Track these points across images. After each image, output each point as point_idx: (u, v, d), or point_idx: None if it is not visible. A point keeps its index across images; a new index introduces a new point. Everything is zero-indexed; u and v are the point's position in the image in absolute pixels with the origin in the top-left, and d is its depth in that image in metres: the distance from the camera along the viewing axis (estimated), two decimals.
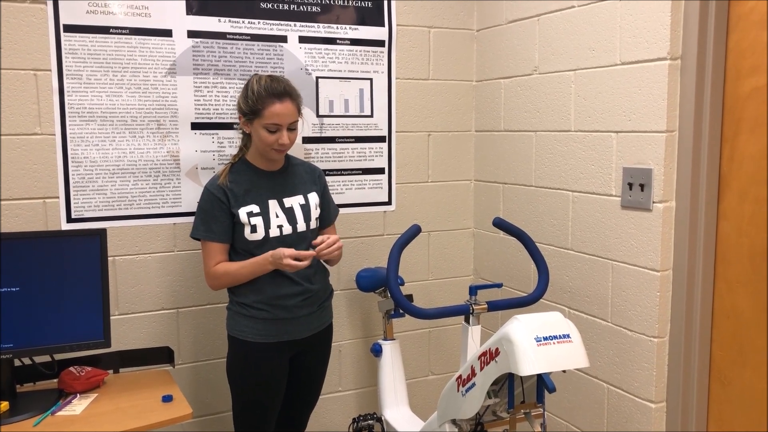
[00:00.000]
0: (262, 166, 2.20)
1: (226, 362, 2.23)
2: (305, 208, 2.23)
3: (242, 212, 2.13)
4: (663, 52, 2.05)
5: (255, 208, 2.15)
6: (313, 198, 2.27)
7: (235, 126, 2.51)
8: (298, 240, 2.20)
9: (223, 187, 2.13)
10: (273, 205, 2.18)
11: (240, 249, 2.17)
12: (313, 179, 2.31)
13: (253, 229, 2.13)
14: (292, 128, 2.12)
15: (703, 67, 2.01)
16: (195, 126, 2.47)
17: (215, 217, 2.13)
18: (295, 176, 2.26)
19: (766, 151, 1.92)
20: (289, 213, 2.19)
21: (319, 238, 2.11)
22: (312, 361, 2.31)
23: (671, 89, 2.05)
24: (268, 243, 2.15)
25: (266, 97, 2.07)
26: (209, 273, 2.16)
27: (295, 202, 2.22)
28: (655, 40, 2.07)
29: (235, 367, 2.20)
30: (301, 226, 2.21)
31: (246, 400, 2.20)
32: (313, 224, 2.26)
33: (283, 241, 2.16)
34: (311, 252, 2.08)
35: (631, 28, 2.15)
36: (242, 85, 2.50)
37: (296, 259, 2.04)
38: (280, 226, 2.17)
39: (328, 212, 2.37)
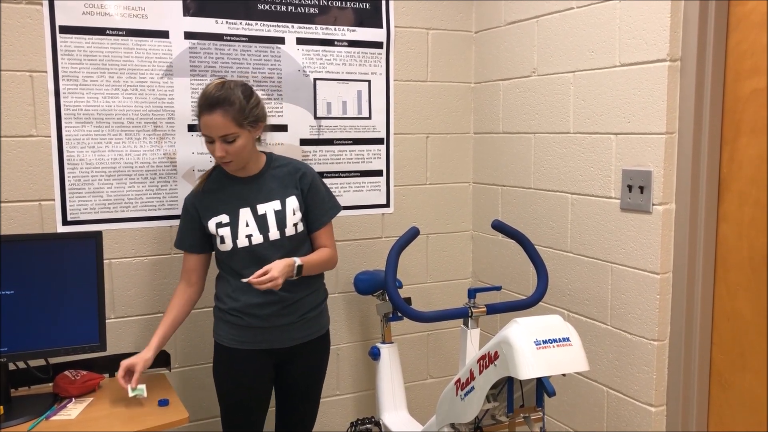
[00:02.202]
0: (234, 172, 2.12)
1: (213, 368, 2.24)
2: (280, 215, 2.10)
3: (211, 224, 2.11)
4: (662, 53, 2.04)
5: (225, 218, 2.10)
6: (291, 202, 2.13)
7: None
8: (270, 249, 2.09)
9: (193, 199, 2.14)
10: (244, 213, 2.10)
11: (218, 258, 2.18)
12: (294, 182, 2.15)
13: (222, 240, 2.10)
14: (229, 141, 1.99)
15: (702, 68, 2.00)
16: (192, 128, 2.46)
17: (187, 228, 2.17)
18: (273, 180, 2.14)
19: (766, 153, 1.91)
20: (261, 220, 2.09)
21: (257, 272, 1.96)
22: (296, 374, 2.22)
23: (671, 91, 2.04)
24: (237, 254, 2.10)
25: (198, 106, 2.01)
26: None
27: (269, 208, 2.11)
28: (654, 41, 2.06)
29: (216, 370, 2.21)
30: (274, 234, 2.09)
31: (227, 404, 2.19)
32: (290, 230, 2.11)
33: (253, 251, 2.09)
34: (242, 281, 2.00)
35: (631, 29, 2.14)
36: None
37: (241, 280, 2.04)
38: (249, 236, 2.08)
39: (317, 214, 2.19)
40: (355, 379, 2.88)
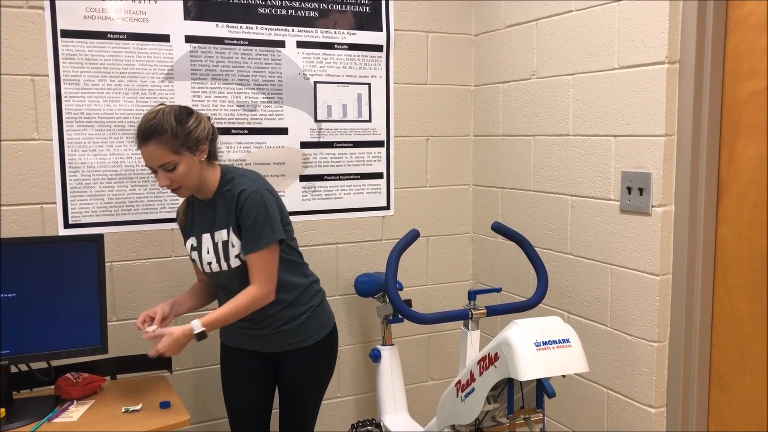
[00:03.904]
0: (199, 196, 2.07)
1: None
2: (225, 245, 2.02)
3: (187, 245, 2.14)
4: (661, 55, 2.05)
5: (194, 242, 2.10)
6: (232, 234, 2.01)
7: (232, 131, 2.51)
8: (226, 278, 2.07)
9: (177, 211, 2.19)
10: (206, 239, 2.06)
11: None
12: (230, 209, 2.01)
13: (195, 262, 2.13)
14: (169, 169, 1.92)
15: (701, 70, 2.01)
16: None
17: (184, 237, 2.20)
18: (222, 204, 2.03)
19: (764, 154, 1.92)
20: (216, 248, 2.04)
21: (150, 327, 1.96)
22: (288, 376, 2.18)
23: (669, 93, 2.05)
24: (210, 277, 2.13)
25: (135, 137, 1.95)
26: None
27: (219, 237, 2.03)
28: (653, 44, 2.07)
29: (222, 370, 2.27)
30: (224, 265, 2.04)
31: (228, 403, 2.25)
32: (234, 262, 2.02)
33: (216, 276, 2.08)
34: (146, 332, 1.96)
35: (629, 32, 2.15)
36: (240, 90, 2.51)
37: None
38: (209, 263, 2.06)
39: (245, 242, 1.99)
40: (355, 381, 2.89)
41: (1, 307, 1.97)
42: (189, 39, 2.43)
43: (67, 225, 2.31)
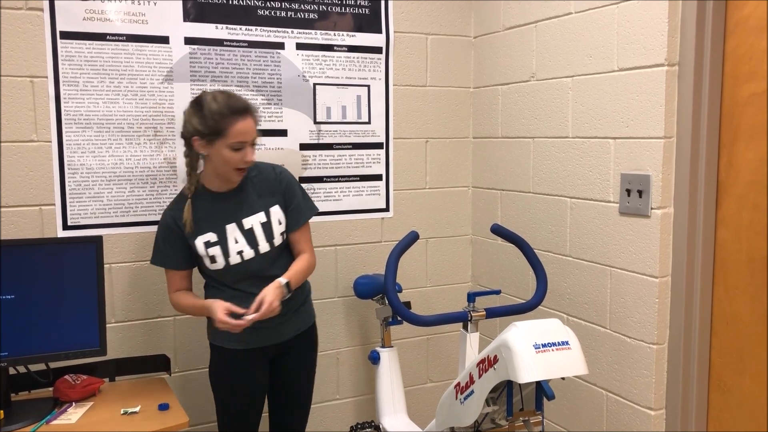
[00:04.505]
0: (218, 188, 2.10)
1: (209, 370, 2.24)
2: (266, 227, 2.11)
3: (199, 243, 2.08)
4: (660, 58, 2.05)
5: (212, 237, 2.08)
6: (276, 212, 2.13)
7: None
8: (263, 262, 2.11)
9: (175, 217, 2.07)
10: (231, 229, 2.09)
11: (206, 274, 2.16)
12: (272, 189, 2.14)
13: (213, 260, 2.08)
14: (254, 143, 2.04)
15: (700, 73, 2.01)
16: None
17: (172, 246, 2.10)
18: (253, 191, 2.13)
19: (764, 157, 1.92)
20: (249, 235, 2.09)
21: (253, 306, 1.97)
22: (289, 368, 2.26)
23: (669, 95, 2.05)
24: (230, 271, 2.10)
25: (229, 115, 1.95)
26: (170, 299, 2.18)
27: (255, 221, 2.11)
28: (652, 46, 2.07)
29: (214, 372, 2.21)
30: (264, 247, 2.11)
31: (226, 405, 2.21)
32: (278, 240, 2.13)
33: (247, 266, 2.09)
34: (246, 319, 1.95)
35: (629, 34, 2.15)
36: (240, 92, 2.50)
37: (234, 314, 1.96)
38: (240, 252, 2.08)
39: (294, 216, 2.17)
40: (354, 383, 2.89)
41: (1, 309, 1.97)
42: (188, 41, 2.42)
43: (66, 227, 2.31)
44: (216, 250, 2.08)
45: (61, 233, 2.30)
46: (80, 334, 2.07)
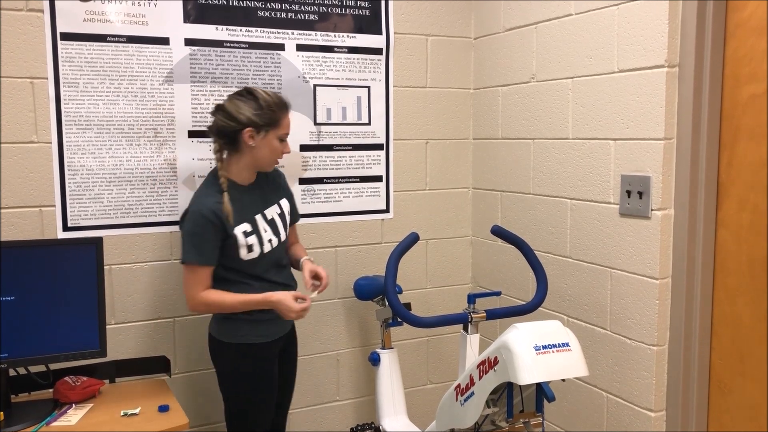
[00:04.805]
0: (242, 181, 2.17)
1: (223, 371, 2.21)
2: (282, 217, 2.26)
3: (238, 232, 2.09)
4: (660, 59, 2.05)
5: (248, 227, 2.12)
6: (285, 205, 2.30)
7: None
8: (282, 250, 2.26)
9: (214, 210, 2.05)
10: (259, 219, 2.18)
11: (231, 267, 2.14)
12: (277, 184, 2.31)
13: (250, 248, 2.12)
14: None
15: (700, 74, 2.01)
16: (192, 134, 2.46)
17: (208, 241, 2.06)
18: (266, 186, 2.26)
19: (764, 158, 1.92)
20: (272, 224, 2.21)
21: (311, 281, 2.20)
22: (291, 354, 2.38)
23: (669, 96, 2.05)
24: (263, 259, 2.15)
25: (282, 107, 2.12)
26: (196, 298, 2.08)
27: (274, 212, 2.23)
28: (652, 47, 2.07)
29: (242, 372, 2.18)
30: (283, 236, 2.25)
31: (261, 399, 2.21)
32: (286, 230, 2.29)
33: (273, 254, 2.19)
34: (312, 298, 2.15)
35: (629, 35, 2.15)
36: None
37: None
38: (269, 240, 2.18)
39: (294, 210, 2.38)
40: (354, 385, 2.88)
41: (1, 310, 1.97)
42: (188, 42, 2.43)
43: (66, 228, 2.31)
44: (253, 239, 2.13)
45: (62, 234, 2.30)
46: (80, 336, 2.07)
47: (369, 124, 2.78)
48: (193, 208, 2.08)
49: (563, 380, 1.79)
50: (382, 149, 2.82)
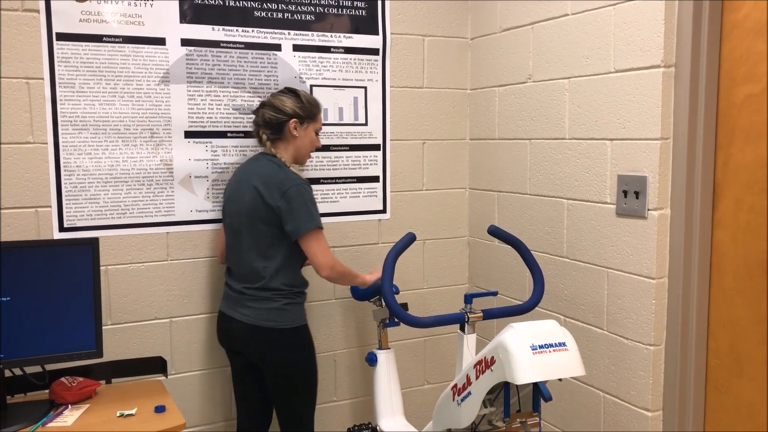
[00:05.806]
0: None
1: (291, 359, 2.25)
2: None
3: None
4: (657, 59, 2.05)
5: None
6: None
7: (228, 134, 2.50)
8: None
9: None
10: None
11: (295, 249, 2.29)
12: None
13: None
14: None
15: (697, 74, 2.01)
16: (188, 134, 2.46)
17: (318, 209, 2.27)
18: None
19: (760, 158, 1.92)
20: None
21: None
22: None
23: (665, 97, 2.05)
24: None
25: (317, 105, 2.35)
26: (334, 261, 2.24)
27: None
28: (648, 47, 2.07)
29: (311, 353, 2.31)
30: None
31: (315, 383, 2.35)
32: None
33: None
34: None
35: (625, 36, 2.15)
36: (236, 94, 2.50)
37: None
38: None
39: None
40: (351, 385, 2.88)
41: None
42: (185, 42, 2.42)
43: (62, 228, 2.31)
44: None
45: (58, 235, 2.30)
46: (76, 336, 2.06)
47: (366, 124, 2.78)
48: (297, 181, 2.20)
49: (560, 380, 1.80)
50: (379, 150, 2.82)
